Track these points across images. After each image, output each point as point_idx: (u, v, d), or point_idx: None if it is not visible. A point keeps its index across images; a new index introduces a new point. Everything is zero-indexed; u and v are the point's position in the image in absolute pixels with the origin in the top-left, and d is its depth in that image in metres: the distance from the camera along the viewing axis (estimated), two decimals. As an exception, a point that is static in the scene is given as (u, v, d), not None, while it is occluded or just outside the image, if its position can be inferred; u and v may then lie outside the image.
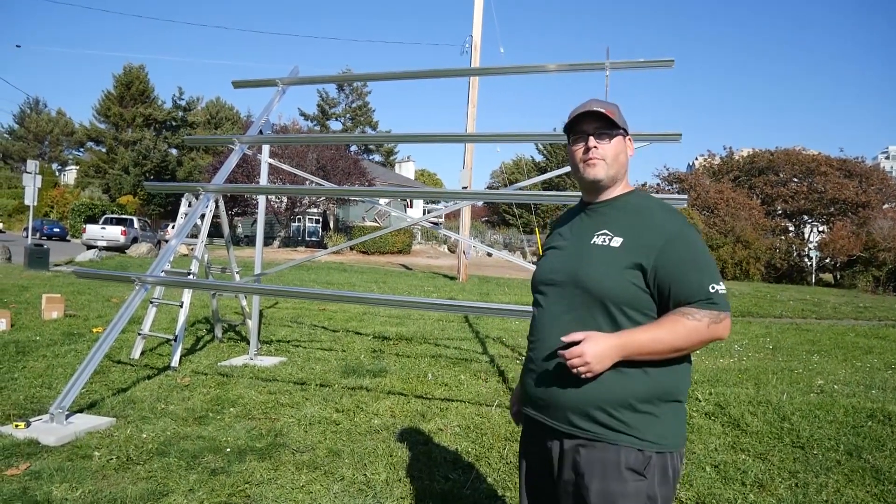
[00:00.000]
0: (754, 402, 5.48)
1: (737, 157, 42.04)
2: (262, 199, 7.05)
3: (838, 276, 33.65)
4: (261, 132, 6.66)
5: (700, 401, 5.48)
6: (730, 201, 33.86)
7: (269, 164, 6.89)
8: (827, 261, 34.29)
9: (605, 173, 1.77)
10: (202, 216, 6.17)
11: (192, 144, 41.20)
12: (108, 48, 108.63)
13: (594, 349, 1.58)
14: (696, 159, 52.19)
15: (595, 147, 1.76)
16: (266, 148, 6.90)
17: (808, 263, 34.41)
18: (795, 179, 38.08)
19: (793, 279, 33.42)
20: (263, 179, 6.99)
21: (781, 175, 38.44)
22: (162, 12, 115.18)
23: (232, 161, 6.21)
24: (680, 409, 1.70)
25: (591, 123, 1.77)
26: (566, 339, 1.62)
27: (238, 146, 6.27)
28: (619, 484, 1.60)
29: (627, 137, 1.83)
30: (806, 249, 35.56)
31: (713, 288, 1.63)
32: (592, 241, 1.73)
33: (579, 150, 1.80)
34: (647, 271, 1.64)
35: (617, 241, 1.69)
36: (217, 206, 6.35)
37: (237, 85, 7.04)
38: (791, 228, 38.47)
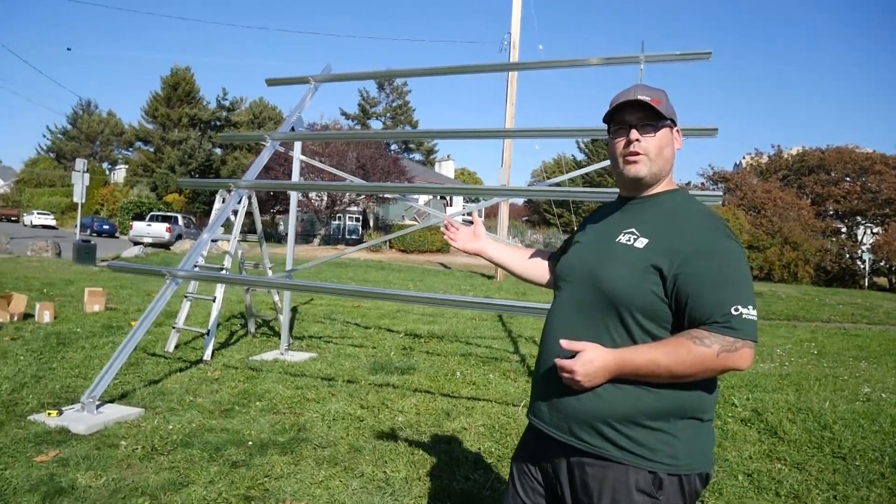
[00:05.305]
0: (794, 408, 5.26)
1: (785, 156, 40.70)
2: (293, 196, 7.12)
3: (893, 280, 32.29)
4: (293, 129, 6.71)
5: (736, 406, 5.29)
6: (777, 201, 32.76)
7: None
8: (881, 264, 32.89)
9: (648, 170, 1.61)
10: (234, 212, 6.25)
11: (225, 142, 42.27)
12: (154, 50, 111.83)
13: (586, 369, 1.47)
14: (743, 158, 50.76)
15: (637, 140, 1.60)
16: (298, 144, 6.95)
17: (861, 266, 33.11)
18: (848, 178, 36.60)
19: (844, 282, 32.19)
20: (295, 175, 7.05)
21: (833, 174, 37.02)
22: (206, 14, 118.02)
23: (263, 157, 6.27)
24: (701, 427, 1.55)
25: (634, 113, 1.60)
26: (564, 344, 1.50)
27: (270, 143, 6.33)
28: None
29: (675, 129, 1.66)
30: (858, 251, 34.17)
31: (736, 310, 1.43)
32: (617, 240, 1.60)
33: (620, 142, 1.63)
34: (668, 279, 1.49)
35: (642, 242, 1.55)
36: (250, 203, 6.43)
37: (271, 83, 7.11)
38: (843, 230, 36.97)
